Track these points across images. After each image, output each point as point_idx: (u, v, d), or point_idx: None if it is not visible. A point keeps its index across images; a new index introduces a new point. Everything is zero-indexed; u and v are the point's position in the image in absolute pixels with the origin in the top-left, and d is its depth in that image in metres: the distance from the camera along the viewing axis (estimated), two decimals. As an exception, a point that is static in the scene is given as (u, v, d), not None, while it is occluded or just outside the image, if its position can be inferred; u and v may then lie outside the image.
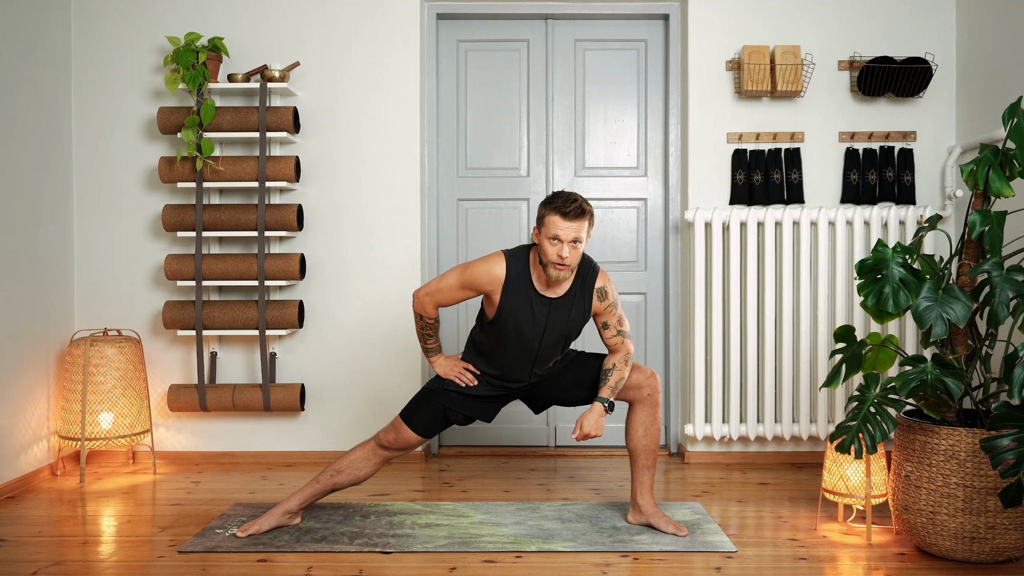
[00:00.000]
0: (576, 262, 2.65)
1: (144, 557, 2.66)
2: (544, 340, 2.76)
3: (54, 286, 3.74)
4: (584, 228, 2.62)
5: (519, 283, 2.70)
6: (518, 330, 2.73)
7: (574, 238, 2.60)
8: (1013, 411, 2.33)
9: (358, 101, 3.87)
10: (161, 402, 3.89)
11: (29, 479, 3.49)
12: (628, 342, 2.85)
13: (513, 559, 2.62)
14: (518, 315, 2.71)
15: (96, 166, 3.89)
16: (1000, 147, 2.64)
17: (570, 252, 2.60)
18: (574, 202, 2.60)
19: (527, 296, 2.71)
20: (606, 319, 2.83)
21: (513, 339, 2.76)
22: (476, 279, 2.73)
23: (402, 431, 2.84)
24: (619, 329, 2.85)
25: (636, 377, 2.86)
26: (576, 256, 2.63)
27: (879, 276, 2.64)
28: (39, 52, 3.63)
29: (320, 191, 3.88)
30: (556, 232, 2.59)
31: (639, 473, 2.90)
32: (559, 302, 2.74)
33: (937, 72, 3.81)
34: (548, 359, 2.85)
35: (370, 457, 2.88)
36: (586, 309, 2.77)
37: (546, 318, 2.73)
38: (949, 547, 2.56)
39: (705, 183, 3.86)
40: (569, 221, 2.58)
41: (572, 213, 2.58)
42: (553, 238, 2.60)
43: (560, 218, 2.59)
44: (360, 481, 2.89)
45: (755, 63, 3.72)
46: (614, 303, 2.82)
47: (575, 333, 2.83)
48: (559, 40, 4.08)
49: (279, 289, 3.86)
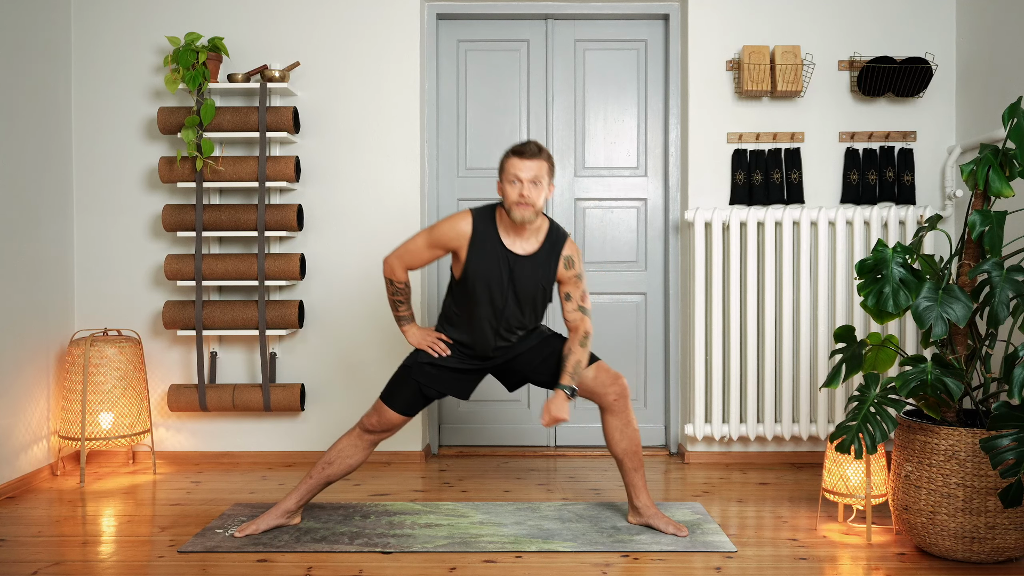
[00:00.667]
0: (538, 202, 2.69)
1: (144, 557, 2.66)
2: (510, 297, 2.77)
3: (54, 286, 3.74)
4: (543, 169, 2.69)
5: (485, 237, 2.75)
6: (486, 285, 2.76)
7: (533, 177, 2.66)
8: (1013, 411, 2.33)
9: (358, 101, 3.87)
10: (161, 402, 3.89)
11: (29, 479, 3.49)
12: (587, 321, 2.87)
13: (513, 559, 2.62)
14: (484, 269, 2.75)
15: (96, 166, 3.89)
16: (1000, 147, 2.64)
17: (531, 190, 2.66)
18: (531, 143, 2.70)
19: (494, 250, 2.75)
20: (569, 290, 2.86)
21: (480, 296, 2.77)
22: (443, 236, 2.78)
23: (384, 412, 2.85)
24: (580, 305, 2.87)
25: (601, 379, 2.85)
26: (538, 195, 2.68)
27: (879, 276, 2.64)
28: (39, 52, 3.63)
29: (320, 191, 3.88)
30: (515, 172, 2.67)
31: (629, 476, 2.90)
32: (525, 260, 2.77)
33: (937, 72, 3.81)
34: (514, 323, 2.82)
35: (357, 443, 2.88)
36: (551, 272, 2.80)
37: (511, 272, 2.75)
38: (949, 547, 2.56)
39: (705, 183, 3.86)
40: (526, 160, 2.67)
41: (528, 153, 2.67)
42: (513, 180, 2.68)
43: (517, 159, 2.68)
44: (352, 469, 2.89)
45: (755, 63, 3.72)
46: (579, 275, 2.85)
47: (540, 298, 2.83)
48: (559, 40, 4.08)
49: (279, 289, 3.86)
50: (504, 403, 4.02)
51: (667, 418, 4.08)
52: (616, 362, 4.07)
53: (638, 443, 2.89)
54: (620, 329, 4.08)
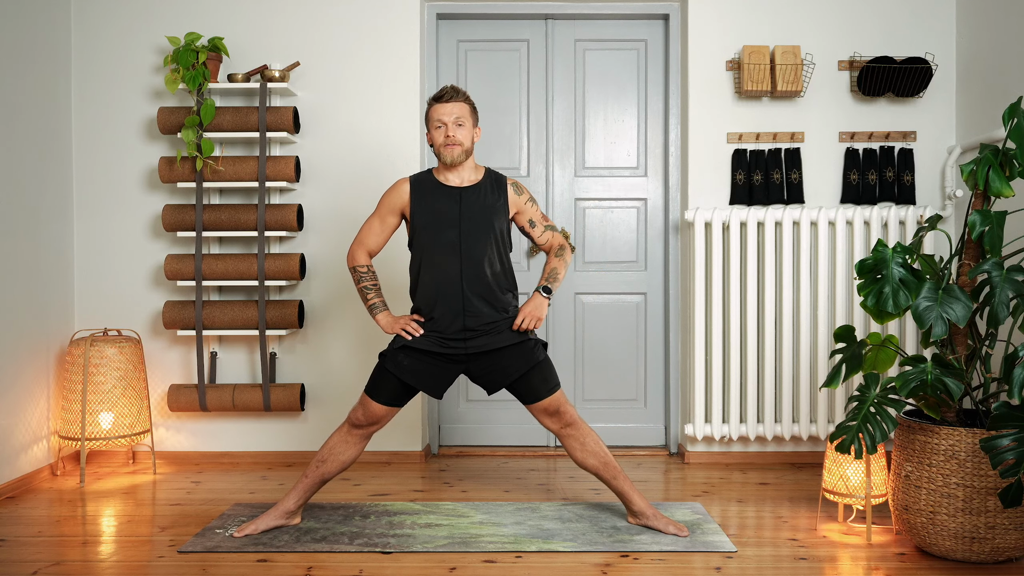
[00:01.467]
0: (465, 141, 2.80)
1: (144, 557, 2.66)
2: (463, 227, 2.79)
3: (54, 286, 3.74)
4: (464, 110, 2.81)
5: (425, 186, 2.86)
6: (436, 224, 2.80)
7: (455, 118, 2.79)
8: (1013, 411, 2.33)
9: (358, 101, 3.87)
10: (161, 402, 3.89)
11: (29, 479, 3.49)
12: (558, 236, 2.99)
13: (513, 559, 2.62)
14: (432, 209, 2.82)
15: (96, 166, 3.89)
16: (1000, 147, 2.64)
17: (455, 130, 2.78)
18: (448, 88, 2.82)
19: (436, 190, 2.85)
20: (530, 216, 2.95)
21: (435, 238, 2.80)
22: (388, 200, 2.89)
23: (368, 405, 2.85)
24: (546, 225, 2.98)
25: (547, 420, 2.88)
26: (464, 135, 2.80)
27: (879, 276, 2.64)
28: (39, 52, 3.63)
29: (320, 191, 3.88)
30: (438, 117, 2.80)
31: (612, 486, 2.91)
32: (469, 191, 2.84)
33: (937, 72, 3.81)
34: (479, 273, 2.79)
35: (347, 439, 2.87)
36: (502, 201, 2.87)
37: (460, 203, 2.82)
38: (949, 547, 2.56)
39: (705, 183, 3.86)
40: (445, 103, 2.80)
41: (447, 96, 2.80)
42: (438, 124, 2.80)
43: (437, 104, 2.81)
44: (346, 465, 2.88)
45: (755, 63, 3.72)
46: (532, 199, 2.96)
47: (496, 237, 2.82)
48: (559, 40, 4.08)
49: (279, 289, 3.86)
50: (504, 403, 4.02)
51: (667, 418, 4.08)
52: (616, 362, 4.08)
53: (604, 454, 2.89)
54: (620, 329, 4.08)
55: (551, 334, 4.08)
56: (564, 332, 4.09)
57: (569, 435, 2.90)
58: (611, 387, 4.09)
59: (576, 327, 4.09)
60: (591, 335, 4.09)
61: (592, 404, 4.10)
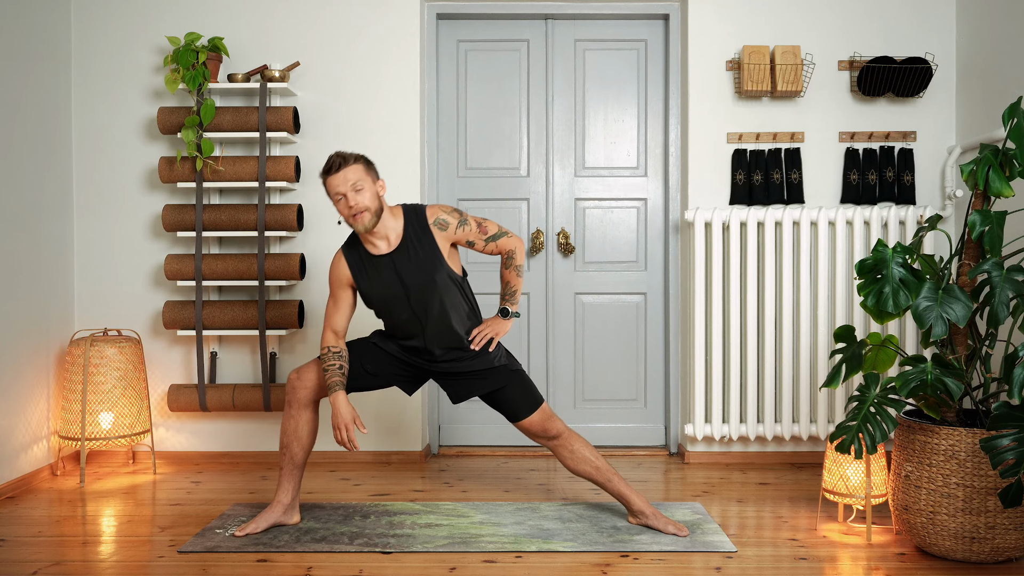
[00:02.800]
0: (370, 204, 2.68)
1: (144, 557, 2.66)
2: (413, 298, 2.77)
3: (54, 286, 3.74)
4: (358, 173, 2.68)
5: (358, 260, 2.80)
6: (384, 298, 2.79)
7: (351, 186, 2.65)
8: (1013, 411, 2.33)
9: (358, 101, 3.87)
10: (161, 402, 3.89)
11: (29, 479, 3.49)
12: (502, 242, 2.87)
13: (513, 559, 2.62)
14: (375, 286, 2.79)
15: (96, 166, 3.89)
16: (1000, 147, 2.64)
17: (356, 199, 2.66)
18: (333, 157, 2.69)
19: (370, 263, 2.78)
20: (467, 238, 2.83)
21: (390, 307, 2.80)
22: (333, 278, 2.85)
23: (308, 367, 2.87)
24: (486, 237, 2.85)
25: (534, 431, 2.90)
26: (366, 199, 2.67)
27: (879, 276, 2.64)
28: (39, 52, 3.63)
29: (320, 191, 3.87)
30: (334, 191, 2.67)
31: (609, 488, 2.92)
32: (399, 254, 2.77)
33: (937, 72, 3.81)
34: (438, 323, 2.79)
35: (291, 415, 2.86)
36: (433, 247, 2.76)
37: (396, 274, 2.76)
38: (949, 547, 2.56)
39: (705, 183, 3.86)
40: (335, 173, 2.67)
41: (335, 167, 2.68)
42: (337, 198, 2.68)
43: (328, 178, 2.68)
44: (308, 441, 2.88)
45: (755, 63, 3.72)
46: (461, 222, 2.81)
47: (444, 283, 2.77)
48: (559, 40, 4.08)
49: (279, 289, 3.86)
50: (504, 403, 4.02)
51: (667, 418, 4.08)
52: (616, 362, 4.08)
53: (595, 459, 2.91)
54: (620, 329, 4.08)
55: (551, 334, 4.09)
56: (564, 332, 4.09)
57: (558, 446, 2.92)
58: (611, 387, 4.09)
59: (576, 327, 4.09)
60: (591, 335, 4.09)
61: (592, 404, 4.10)
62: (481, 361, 2.88)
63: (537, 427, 2.89)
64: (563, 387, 4.09)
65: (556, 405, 4.08)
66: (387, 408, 3.86)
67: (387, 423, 3.89)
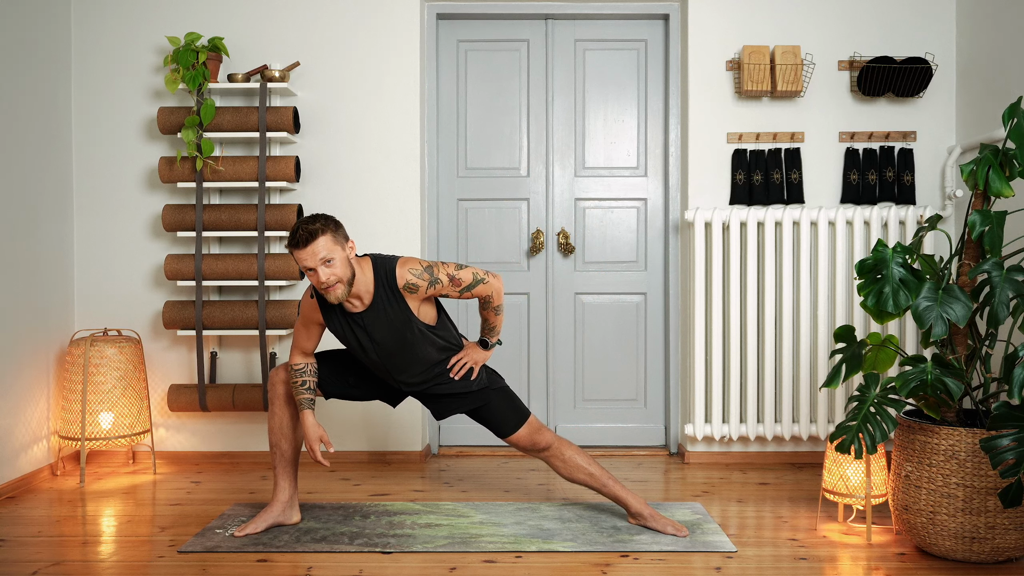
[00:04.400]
0: (342, 274, 2.59)
1: (144, 557, 2.66)
2: (380, 351, 2.74)
3: (54, 286, 3.74)
4: (326, 244, 2.56)
5: (329, 307, 2.74)
6: (353, 346, 2.78)
7: (320, 260, 2.55)
8: (1013, 411, 2.33)
9: (358, 101, 3.87)
10: (161, 402, 3.89)
11: (29, 479, 3.49)
12: (479, 288, 2.77)
13: (513, 559, 2.62)
14: (344, 333, 2.76)
15: (96, 166, 3.89)
16: (1000, 147, 2.64)
17: (327, 273, 2.56)
18: (299, 230, 2.57)
19: (340, 317, 2.74)
20: (442, 293, 2.74)
21: (358, 354, 2.81)
22: (303, 313, 2.80)
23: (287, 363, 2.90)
24: (459, 289, 2.74)
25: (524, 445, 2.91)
26: (338, 271, 2.58)
27: (879, 276, 2.64)
28: (39, 52, 3.63)
29: (320, 191, 3.88)
30: (303, 263, 2.58)
31: (605, 492, 2.92)
32: (370, 314, 2.70)
33: (937, 72, 3.81)
34: (406, 366, 2.79)
35: (276, 413, 2.90)
36: (403, 308, 2.69)
37: (365, 331, 2.72)
38: (949, 547, 2.56)
39: (705, 183, 3.86)
40: (303, 248, 2.56)
41: (301, 241, 2.56)
42: (307, 270, 2.59)
43: (296, 251, 2.58)
44: (294, 437, 2.91)
45: (755, 63, 3.72)
46: (432, 281, 2.70)
47: (416, 337, 2.73)
48: (559, 40, 4.08)
49: (279, 289, 3.86)
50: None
51: (667, 418, 4.08)
52: (616, 362, 4.07)
53: (588, 465, 2.92)
54: (620, 329, 4.08)
55: (551, 334, 4.09)
56: (564, 332, 4.09)
57: (549, 456, 2.93)
58: (611, 387, 4.09)
59: (576, 327, 4.09)
60: (591, 335, 4.09)
61: (592, 404, 4.10)
62: (459, 384, 2.88)
63: (525, 441, 2.90)
64: (563, 387, 4.09)
65: (556, 405, 4.09)
66: (387, 408, 3.86)
67: (387, 423, 3.89)
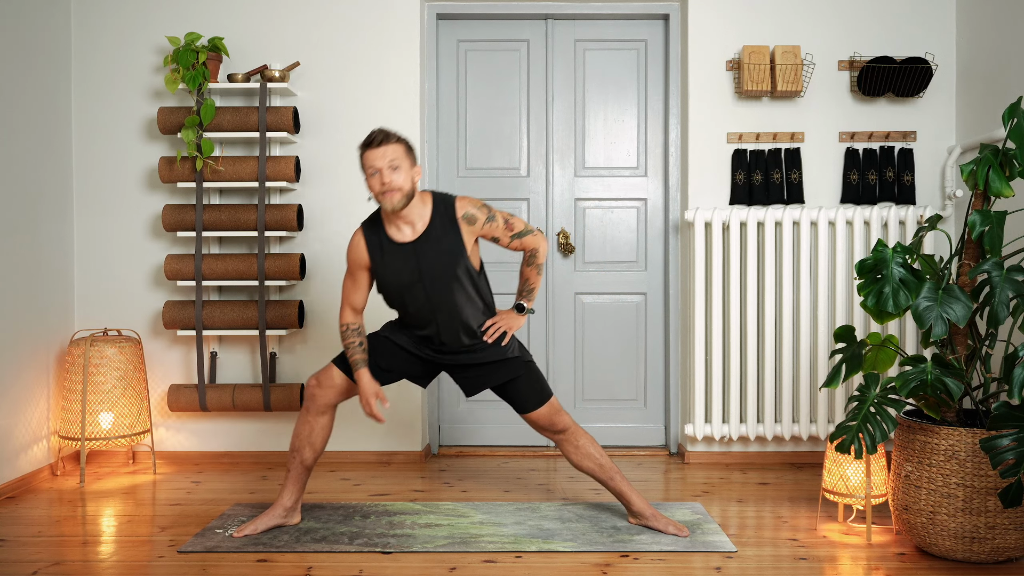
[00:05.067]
0: (403, 185, 2.64)
1: (144, 557, 2.66)
2: (426, 283, 2.74)
3: (54, 286, 3.74)
4: (398, 152, 2.65)
5: (378, 241, 2.76)
6: (399, 284, 2.76)
7: (388, 162, 2.63)
8: (1013, 411, 2.33)
9: (358, 101, 3.87)
10: (161, 402, 3.89)
11: (29, 479, 3.49)
12: (528, 239, 2.85)
13: (513, 559, 2.62)
14: (390, 271, 2.75)
15: (96, 166, 3.89)
16: (1000, 147, 2.64)
17: (391, 176, 2.62)
18: (376, 131, 2.68)
19: (390, 248, 2.75)
20: (493, 234, 2.81)
21: (403, 295, 2.78)
22: (351, 258, 2.81)
23: (328, 370, 2.86)
24: (511, 234, 2.82)
25: (542, 423, 2.91)
26: (401, 179, 2.64)
27: (879, 276, 2.64)
28: (39, 52, 3.63)
29: (320, 191, 3.88)
30: (371, 164, 2.64)
31: (610, 487, 2.92)
32: (421, 243, 2.73)
33: (937, 72, 3.81)
34: (447, 306, 2.77)
35: (306, 419, 2.87)
36: (458, 241, 2.73)
37: (415, 259, 2.73)
38: (949, 547, 2.56)
39: (705, 183, 3.86)
40: (375, 148, 2.64)
41: (376, 141, 2.65)
42: (372, 172, 2.64)
43: (369, 151, 2.65)
44: (320, 446, 2.88)
45: (755, 63, 3.72)
46: (490, 217, 2.78)
47: (463, 274, 2.75)
48: (559, 40, 4.08)
49: (279, 289, 3.86)
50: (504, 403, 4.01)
51: (667, 418, 4.08)
52: (616, 362, 4.08)
53: (599, 456, 2.91)
54: (620, 329, 4.08)
55: (551, 334, 4.09)
56: (564, 332, 4.09)
57: (563, 440, 2.92)
58: (611, 387, 4.09)
59: (576, 327, 4.09)
60: (591, 335, 4.09)
61: (592, 404, 4.10)
62: (493, 352, 2.86)
63: (544, 420, 2.89)
64: (563, 387, 4.09)
65: (556, 405, 4.09)
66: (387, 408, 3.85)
67: (387, 423, 3.89)
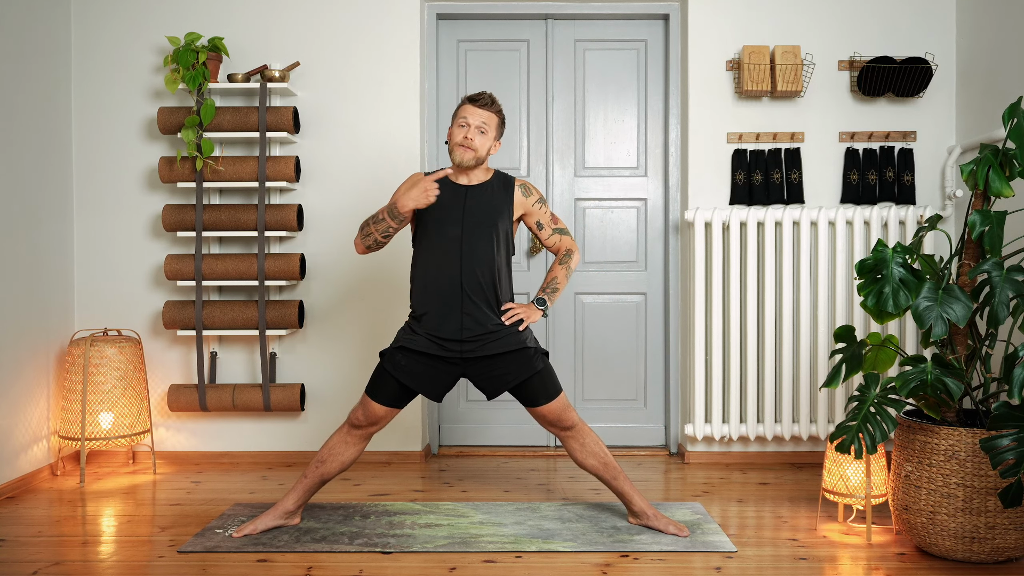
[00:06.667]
0: (482, 149, 2.79)
1: (144, 557, 2.66)
2: (467, 224, 2.78)
3: (54, 286, 3.74)
4: (493, 121, 2.81)
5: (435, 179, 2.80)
6: (442, 216, 2.80)
7: (480, 124, 2.78)
8: (1013, 411, 2.33)
9: (358, 101, 3.87)
10: (161, 402, 3.89)
11: (29, 479, 3.49)
12: (567, 239, 2.98)
13: (513, 559, 2.62)
14: (440, 203, 2.79)
15: (96, 166, 3.89)
16: (1000, 147, 2.64)
17: (475, 135, 2.77)
18: (485, 94, 2.82)
19: (444, 184, 2.83)
20: (538, 218, 2.93)
21: (442, 222, 2.80)
22: (406, 184, 2.86)
23: (368, 405, 2.84)
24: (554, 227, 2.96)
25: (550, 419, 2.88)
26: (483, 143, 2.79)
27: (879, 276, 2.64)
28: (39, 52, 3.63)
29: (320, 191, 3.88)
30: (465, 116, 2.79)
31: (612, 487, 2.91)
32: (476, 190, 2.84)
33: (937, 72, 3.81)
34: (476, 252, 2.78)
35: (347, 439, 2.87)
36: (508, 201, 2.86)
37: (464, 200, 2.81)
38: (949, 547, 2.56)
39: (705, 183, 3.86)
40: (477, 108, 2.80)
41: (481, 102, 2.80)
42: (462, 123, 2.79)
43: (470, 104, 2.81)
44: (346, 465, 2.88)
45: (755, 63, 3.72)
46: (542, 199, 2.94)
47: (500, 236, 2.81)
48: (559, 40, 4.08)
49: (279, 289, 3.86)
50: (504, 403, 4.01)
51: (667, 418, 4.08)
52: (616, 362, 4.08)
53: (604, 455, 2.90)
54: (620, 329, 4.08)
55: (551, 333, 4.09)
56: (564, 332, 4.09)
57: (569, 437, 2.91)
58: (611, 387, 4.09)
59: (576, 327, 4.09)
60: (591, 335, 4.09)
61: (592, 404, 4.10)
62: (510, 341, 2.82)
63: (553, 416, 2.88)
64: (564, 387, 4.07)
65: (556, 405, 4.09)
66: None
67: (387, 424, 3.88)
